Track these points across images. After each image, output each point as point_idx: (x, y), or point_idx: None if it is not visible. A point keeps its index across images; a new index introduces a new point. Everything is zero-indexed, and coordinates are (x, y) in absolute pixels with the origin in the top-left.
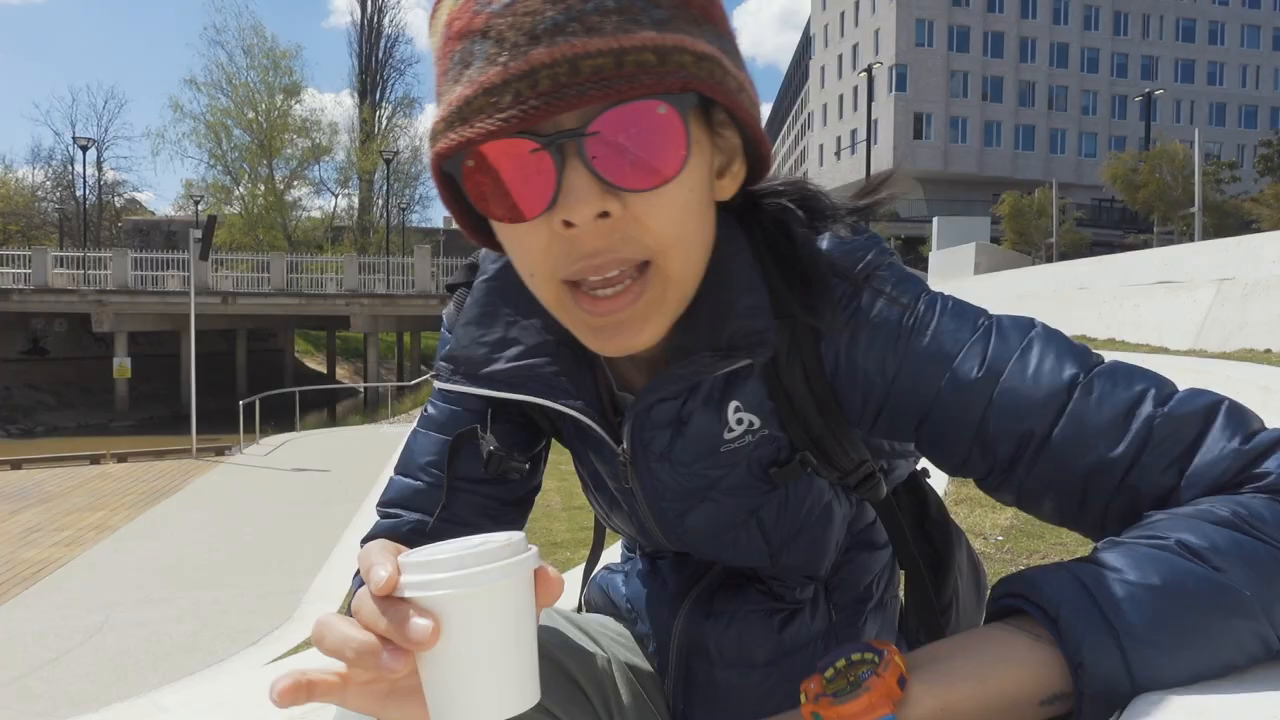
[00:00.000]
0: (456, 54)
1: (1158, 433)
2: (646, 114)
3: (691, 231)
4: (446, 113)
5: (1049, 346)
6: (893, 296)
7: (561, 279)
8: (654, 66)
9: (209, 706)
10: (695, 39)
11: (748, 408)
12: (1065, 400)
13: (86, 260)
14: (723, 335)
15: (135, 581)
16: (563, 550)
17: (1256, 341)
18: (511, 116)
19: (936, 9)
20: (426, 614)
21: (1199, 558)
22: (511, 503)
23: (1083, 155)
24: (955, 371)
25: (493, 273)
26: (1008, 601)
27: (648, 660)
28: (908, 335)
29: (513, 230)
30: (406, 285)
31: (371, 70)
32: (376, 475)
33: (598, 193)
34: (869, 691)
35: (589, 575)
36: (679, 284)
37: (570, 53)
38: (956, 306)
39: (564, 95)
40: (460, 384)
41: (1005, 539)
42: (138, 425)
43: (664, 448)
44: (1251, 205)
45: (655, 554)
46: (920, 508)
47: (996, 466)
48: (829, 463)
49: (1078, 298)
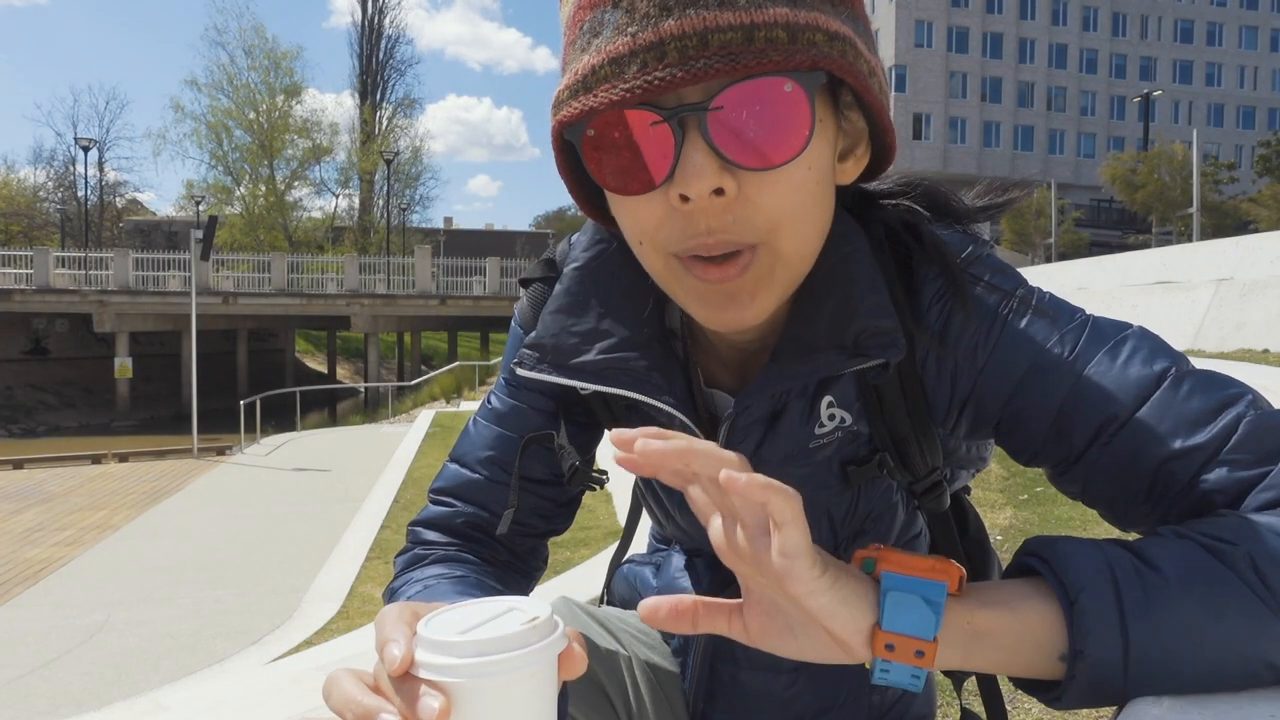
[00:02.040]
0: (587, 23)
1: (1245, 430)
2: (772, 91)
3: (806, 212)
4: (571, 81)
5: (1143, 343)
6: (990, 286)
7: (671, 253)
8: (784, 43)
9: (209, 706)
10: (829, 18)
11: (840, 403)
12: (1152, 390)
13: (88, 260)
14: (849, 333)
15: (136, 581)
16: (563, 550)
17: (1254, 341)
18: (636, 87)
19: (935, 10)
20: (439, 692)
21: (1260, 575)
22: (564, 503)
23: (1081, 156)
24: (1042, 357)
25: (584, 261)
26: (1033, 562)
27: (669, 658)
28: (1001, 324)
29: (627, 201)
30: (407, 285)
31: (372, 71)
32: (377, 475)
33: (715, 169)
34: (936, 559)
35: (615, 566)
36: (788, 263)
37: (700, 25)
38: (1053, 301)
39: (690, 68)
40: (547, 373)
41: (1005, 539)
42: (139, 425)
43: (755, 444)
44: (1249, 206)
45: (694, 550)
46: (960, 525)
47: (1071, 454)
48: (905, 466)
49: (1076, 298)
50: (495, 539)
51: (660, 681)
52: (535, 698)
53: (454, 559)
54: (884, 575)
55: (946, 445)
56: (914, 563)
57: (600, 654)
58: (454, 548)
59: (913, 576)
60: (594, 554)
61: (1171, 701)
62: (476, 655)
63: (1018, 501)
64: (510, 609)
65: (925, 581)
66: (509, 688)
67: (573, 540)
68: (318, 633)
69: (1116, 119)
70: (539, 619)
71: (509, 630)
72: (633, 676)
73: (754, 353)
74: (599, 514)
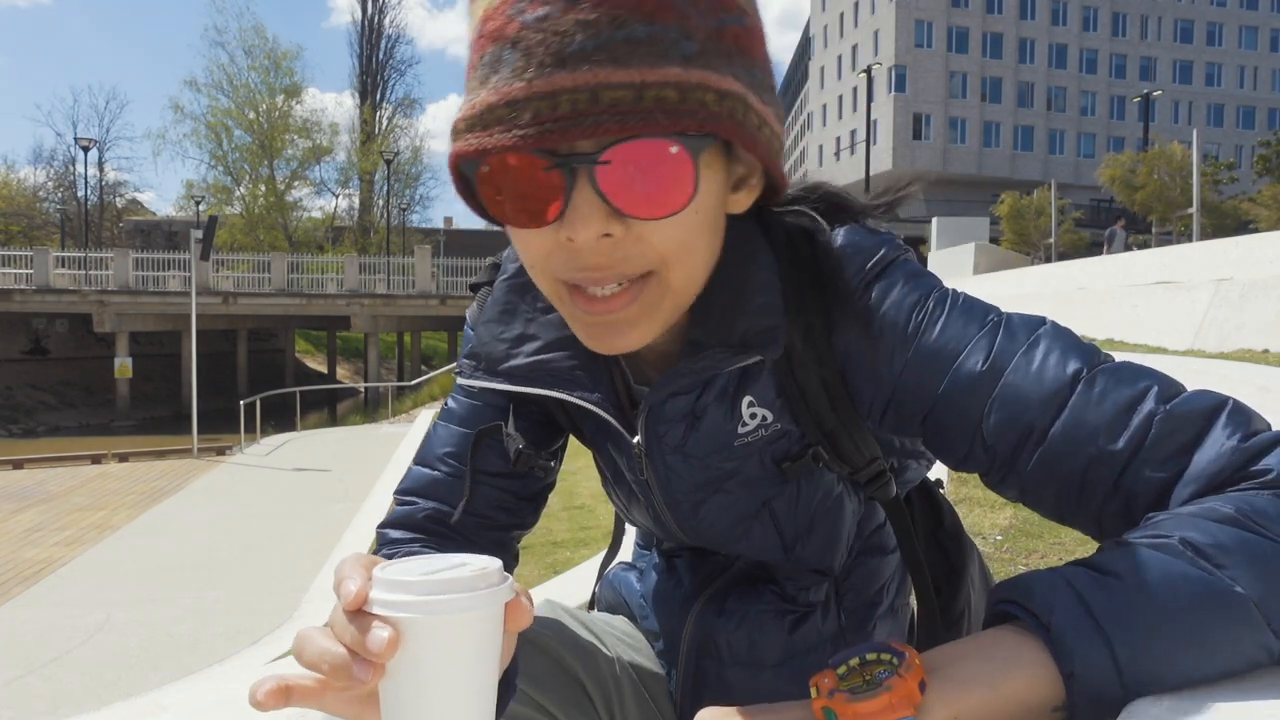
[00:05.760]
0: (487, 54)
1: (1158, 429)
2: (658, 152)
3: (695, 248)
4: (469, 114)
5: (1055, 343)
6: (904, 291)
7: (559, 279)
8: (674, 104)
9: (209, 705)
10: (722, 75)
11: (761, 403)
12: (1068, 395)
13: (88, 260)
14: (735, 332)
15: (136, 581)
16: (563, 550)
17: (1254, 342)
18: (529, 134)
19: (936, 10)
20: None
21: (1203, 556)
22: (526, 498)
23: (1081, 156)
24: (959, 367)
25: (512, 271)
26: (1003, 608)
27: (654, 659)
28: (916, 330)
29: (520, 232)
30: (407, 285)
31: (372, 71)
32: (377, 475)
33: (602, 215)
34: (890, 691)
35: (604, 571)
36: (676, 294)
37: (592, 81)
38: (967, 303)
39: (581, 123)
40: (481, 379)
41: (1005, 539)
42: (139, 425)
43: (678, 440)
44: (1249, 206)
45: (672, 552)
46: (934, 518)
47: (998, 461)
48: (840, 458)
49: (1076, 298)
50: (455, 531)
51: (645, 683)
52: (481, 643)
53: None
54: None
55: (879, 437)
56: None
57: (585, 656)
58: (417, 543)
59: None
60: (594, 554)
61: (1171, 701)
62: (427, 594)
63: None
64: (463, 562)
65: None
66: (457, 628)
67: (573, 540)
68: None
69: (1116, 119)
70: (489, 569)
71: (460, 575)
72: (616, 679)
73: (674, 351)
74: (599, 514)
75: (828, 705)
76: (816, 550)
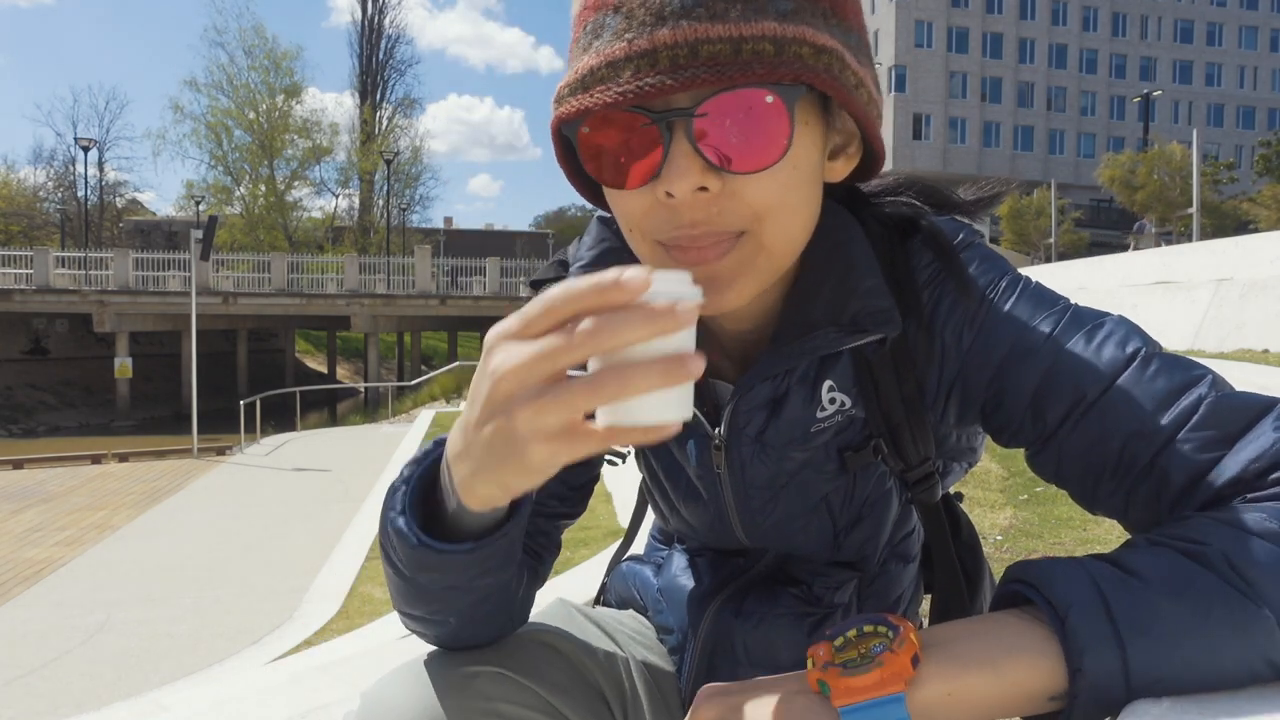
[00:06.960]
0: (590, 24)
1: (1205, 412)
2: (754, 102)
3: (791, 206)
4: (572, 79)
5: (1119, 328)
6: (978, 272)
7: (657, 240)
8: (770, 56)
9: (210, 706)
10: (818, 31)
11: (840, 387)
12: (1122, 369)
13: (88, 260)
14: (846, 313)
15: (136, 581)
16: (563, 550)
17: (1254, 341)
18: (629, 91)
19: (936, 10)
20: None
21: (1235, 571)
22: (577, 487)
23: (1081, 156)
24: (1023, 338)
25: (588, 259)
26: (1018, 588)
27: (665, 656)
28: (987, 307)
29: (618, 193)
30: (407, 285)
31: (372, 71)
32: (377, 475)
33: (699, 169)
34: (881, 666)
35: (615, 565)
36: (771, 252)
37: (691, 36)
38: (1037, 289)
39: (679, 76)
40: None
41: (1005, 539)
42: (139, 425)
43: (759, 429)
44: (1249, 206)
45: (694, 550)
46: (953, 528)
47: (1045, 432)
48: (898, 453)
49: (1076, 298)
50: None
51: (657, 681)
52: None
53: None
54: (842, 712)
55: (937, 433)
56: (863, 682)
57: (597, 656)
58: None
59: (867, 702)
60: (594, 554)
61: (1171, 702)
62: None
63: (1018, 501)
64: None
65: (880, 702)
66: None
67: (573, 540)
68: (318, 633)
69: (1116, 119)
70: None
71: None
72: (630, 678)
73: (754, 342)
74: (599, 514)
75: (822, 678)
76: (858, 543)
